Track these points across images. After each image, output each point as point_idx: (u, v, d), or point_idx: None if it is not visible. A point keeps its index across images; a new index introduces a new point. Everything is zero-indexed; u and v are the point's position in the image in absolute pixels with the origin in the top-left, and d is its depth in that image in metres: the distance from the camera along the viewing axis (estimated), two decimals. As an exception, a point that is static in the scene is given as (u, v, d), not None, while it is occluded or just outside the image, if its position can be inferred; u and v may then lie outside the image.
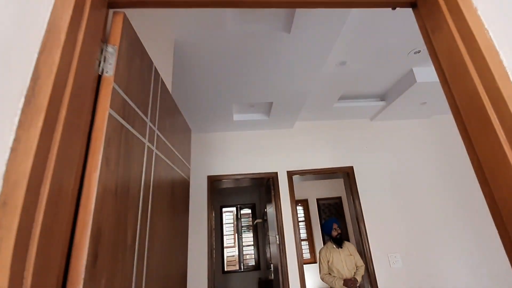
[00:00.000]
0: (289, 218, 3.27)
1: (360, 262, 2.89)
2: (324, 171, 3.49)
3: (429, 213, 3.32)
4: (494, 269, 3.12)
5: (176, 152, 1.42)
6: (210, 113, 3.05)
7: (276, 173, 3.46)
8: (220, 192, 6.82)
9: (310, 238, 6.59)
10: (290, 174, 3.47)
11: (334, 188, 7.10)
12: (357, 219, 3.29)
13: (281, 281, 3.14)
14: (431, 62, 2.84)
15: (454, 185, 3.43)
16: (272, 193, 3.46)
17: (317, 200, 7.02)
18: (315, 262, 6.32)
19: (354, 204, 3.34)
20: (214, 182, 3.53)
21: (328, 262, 2.89)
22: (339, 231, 2.96)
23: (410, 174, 3.48)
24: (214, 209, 6.54)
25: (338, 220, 3.09)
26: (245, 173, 3.44)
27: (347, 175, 3.51)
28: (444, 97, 0.79)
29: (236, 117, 3.29)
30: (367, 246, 3.14)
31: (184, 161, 1.69)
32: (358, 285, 2.72)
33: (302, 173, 3.48)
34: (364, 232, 3.20)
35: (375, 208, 3.31)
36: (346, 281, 2.70)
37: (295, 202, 3.37)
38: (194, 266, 3.01)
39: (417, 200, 3.39)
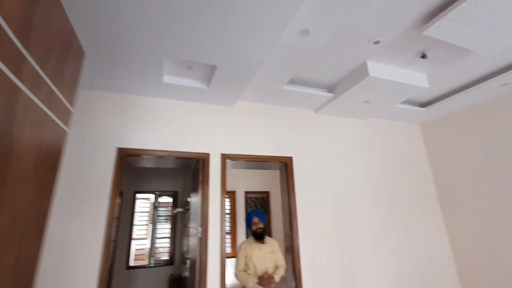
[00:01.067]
0: (216, 209, 2.81)
1: (282, 262, 2.66)
2: (263, 159, 3.14)
3: (355, 211, 3.34)
4: (404, 263, 3.33)
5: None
6: (134, 67, 2.32)
7: (208, 154, 2.94)
8: (136, 173, 5.86)
9: (233, 232, 6.27)
10: (225, 158, 3.00)
11: (263, 182, 6.96)
12: (289, 213, 3.06)
13: (197, 278, 2.65)
14: (386, 58, 2.57)
15: (378, 187, 3.56)
16: (201, 178, 2.93)
17: (245, 193, 6.76)
18: (235, 257, 6.04)
19: (289, 197, 3.10)
20: (127, 158, 2.78)
21: (245, 257, 2.55)
22: (260, 226, 2.65)
23: (343, 172, 3.46)
24: (124, 194, 5.60)
25: (263, 214, 2.77)
26: (170, 150, 2.81)
27: (285, 166, 3.26)
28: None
29: (168, 79, 2.64)
30: (297, 242, 2.94)
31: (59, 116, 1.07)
32: (274, 283, 2.46)
33: (238, 158, 3.06)
34: (296, 227, 2.99)
35: (308, 203, 3.14)
36: (261, 278, 2.42)
37: (225, 190, 2.93)
38: (80, 262, 2.25)
39: (347, 198, 3.37)
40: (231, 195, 6.53)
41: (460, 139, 3.64)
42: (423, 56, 2.57)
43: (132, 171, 5.85)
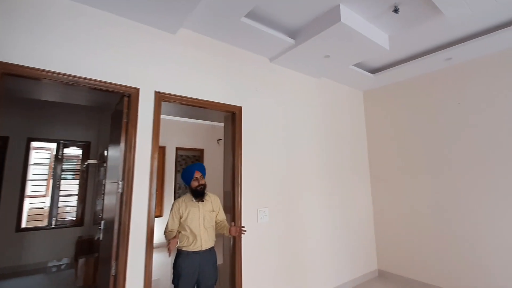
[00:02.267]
0: (145, 160, 2.23)
1: (222, 216, 2.37)
2: (208, 105, 2.62)
3: (300, 170, 3.24)
4: (336, 219, 3.49)
5: None
6: None
7: (137, 90, 2.26)
8: (31, 113, 4.53)
9: (160, 191, 5.69)
10: (160, 98, 2.36)
11: (198, 138, 6.40)
12: (233, 169, 2.71)
13: (115, 240, 2.11)
14: (357, 6, 2.07)
15: (322, 148, 3.52)
16: (125, 120, 2.25)
17: (177, 149, 6.11)
18: (160, 216, 5.55)
19: (234, 152, 2.73)
20: (9, 80, 1.87)
21: (180, 218, 2.17)
22: (202, 182, 2.26)
23: (293, 130, 3.25)
24: (10, 141, 4.24)
25: (204, 168, 2.36)
26: (80, 77, 2.02)
27: (232, 116, 2.82)
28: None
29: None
30: (239, 200, 2.65)
31: None
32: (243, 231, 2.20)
33: (178, 100, 2.46)
34: (239, 185, 2.68)
35: (254, 159, 2.85)
36: (231, 229, 2.18)
37: (158, 138, 2.35)
38: None
39: (294, 157, 3.22)
40: (160, 150, 5.80)
41: (395, 110, 3.85)
42: (395, 10, 2.38)
43: (26, 109, 4.47)
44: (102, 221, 2.57)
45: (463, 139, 3.17)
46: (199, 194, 2.23)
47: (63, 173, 4.93)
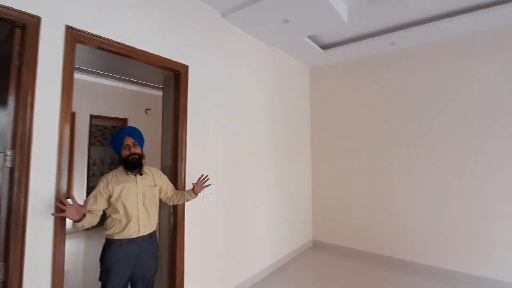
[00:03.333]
0: (51, 124, 1.58)
1: (173, 187, 2.01)
2: (144, 56, 2.04)
3: (250, 144, 2.99)
4: (280, 193, 3.43)
5: None
6: None
7: (38, 20, 1.54)
8: None
9: (69, 171, 4.61)
10: (74, 37, 1.68)
11: (120, 106, 5.41)
12: (176, 141, 2.26)
13: (2, 235, 1.47)
14: None
15: (271, 123, 3.34)
16: (16, 63, 1.53)
17: (91, 117, 5.04)
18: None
19: (178, 121, 2.26)
20: None
21: (110, 197, 1.67)
22: (136, 151, 1.77)
23: (244, 101, 2.94)
24: None
25: (141, 134, 1.87)
26: None
27: (176, 77, 2.31)
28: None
29: None
30: (183, 176, 2.24)
31: None
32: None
33: (101, 43, 1.81)
34: (183, 159, 2.25)
35: (200, 129, 2.45)
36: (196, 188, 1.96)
37: (71, 94, 1.70)
38: None
39: (244, 129, 2.94)
40: (69, 117, 4.66)
41: (339, 90, 3.96)
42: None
43: None
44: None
45: (397, 122, 3.46)
46: (132, 166, 1.74)
47: None
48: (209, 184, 2.11)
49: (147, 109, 5.75)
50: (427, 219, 3.19)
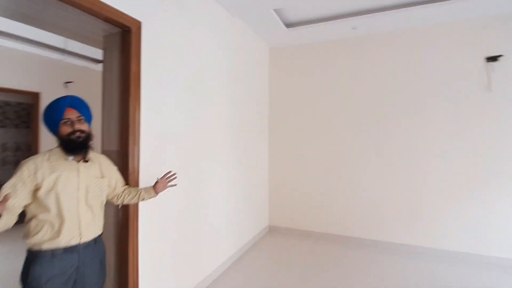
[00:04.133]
0: None
1: (122, 181, 1.57)
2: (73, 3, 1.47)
3: (209, 125, 2.63)
4: (239, 177, 3.20)
5: None
6: None
7: None
8: None
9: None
10: None
11: (29, 77, 4.24)
12: (125, 118, 1.76)
13: None
14: None
15: (233, 104, 3.02)
16: None
17: (-13, 88, 3.82)
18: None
19: (129, 92, 1.76)
20: None
21: (36, 190, 1.18)
22: (82, 128, 1.28)
23: (203, 75, 2.53)
24: None
25: (87, 105, 1.37)
26: None
27: (123, 35, 1.78)
28: None
29: None
30: (136, 164, 1.78)
31: None
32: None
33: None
34: (136, 141, 1.79)
35: (158, 105, 1.99)
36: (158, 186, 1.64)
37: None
38: None
39: (204, 107, 2.55)
40: None
41: (299, 72, 3.86)
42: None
43: None
44: None
45: (352, 107, 3.56)
46: (76, 148, 1.25)
47: None
48: (175, 185, 1.77)
49: (67, 82, 4.67)
50: (373, 197, 3.43)
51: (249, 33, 3.41)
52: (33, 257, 1.19)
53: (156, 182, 1.63)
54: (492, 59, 2.93)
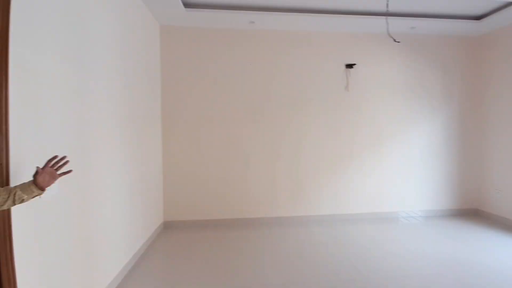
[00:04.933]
0: None
1: None
2: None
3: (98, 113, 2.14)
4: (134, 173, 2.78)
5: None
6: None
7: None
8: None
9: None
10: None
11: None
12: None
13: None
14: None
15: (123, 87, 2.55)
16: None
17: None
18: None
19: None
20: None
21: None
22: None
23: (88, 49, 2.01)
24: None
25: None
26: None
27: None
28: None
29: None
30: (5, 157, 1.23)
31: None
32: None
33: None
34: (4, 129, 1.23)
35: (33, 75, 1.44)
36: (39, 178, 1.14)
37: None
38: None
39: (90, 83, 2.05)
40: None
41: (195, 57, 3.69)
42: None
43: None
44: None
45: (248, 96, 3.78)
46: None
47: None
48: (70, 171, 1.29)
49: None
50: (264, 180, 3.84)
51: (138, 5, 2.95)
52: None
53: (36, 173, 1.16)
54: (350, 66, 3.84)
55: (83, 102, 1.90)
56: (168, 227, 3.70)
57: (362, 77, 3.92)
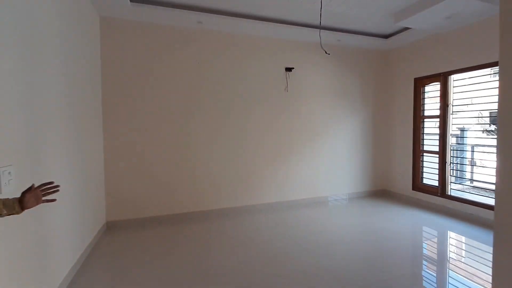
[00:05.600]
0: None
1: None
2: None
3: (45, 102, 2.03)
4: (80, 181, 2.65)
5: None
6: None
7: None
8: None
9: None
10: None
11: None
12: None
13: None
14: None
15: (71, 81, 2.42)
16: None
17: None
18: None
19: None
20: None
21: None
22: None
23: (33, 37, 1.90)
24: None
25: None
26: None
27: None
28: None
29: None
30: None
31: None
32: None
33: None
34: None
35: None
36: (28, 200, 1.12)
37: None
38: None
39: (35, 68, 1.93)
40: None
41: (140, 52, 3.61)
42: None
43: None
44: None
45: (195, 93, 3.90)
46: None
47: None
48: (54, 200, 1.25)
49: None
50: (213, 173, 4.06)
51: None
52: None
53: (25, 193, 1.13)
54: (289, 69, 4.31)
55: (28, 101, 1.80)
56: (112, 227, 3.56)
57: (299, 79, 4.45)
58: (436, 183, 4.29)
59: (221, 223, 3.77)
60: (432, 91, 4.41)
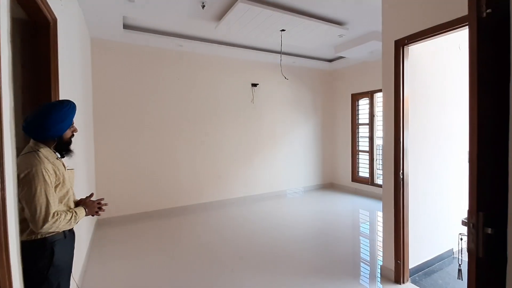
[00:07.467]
0: None
1: None
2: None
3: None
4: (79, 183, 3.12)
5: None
6: None
7: None
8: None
9: None
10: None
11: None
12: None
13: None
14: None
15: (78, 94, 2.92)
16: None
17: None
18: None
19: None
20: None
21: (59, 183, 1.32)
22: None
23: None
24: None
25: None
26: None
27: None
28: None
29: None
30: None
31: None
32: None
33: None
34: None
35: None
36: (88, 203, 1.48)
37: None
38: None
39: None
40: None
41: (127, 70, 4.13)
42: None
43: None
44: None
45: (177, 106, 4.52)
46: (67, 148, 1.41)
47: None
48: (99, 214, 1.56)
49: None
50: (193, 171, 4.74)
51: (79, 14, 3.27)
52: (52, 242, 1.27)
53: (85, 200, 1.49)
54: (254, 85, 5.18)
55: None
56: (100, 224, 4.02)
57: (263, 93, 5.35)
58: (367, 175, 5.56)
59: (202, 215, 4.47)
60: (364, 104, 5.68)
